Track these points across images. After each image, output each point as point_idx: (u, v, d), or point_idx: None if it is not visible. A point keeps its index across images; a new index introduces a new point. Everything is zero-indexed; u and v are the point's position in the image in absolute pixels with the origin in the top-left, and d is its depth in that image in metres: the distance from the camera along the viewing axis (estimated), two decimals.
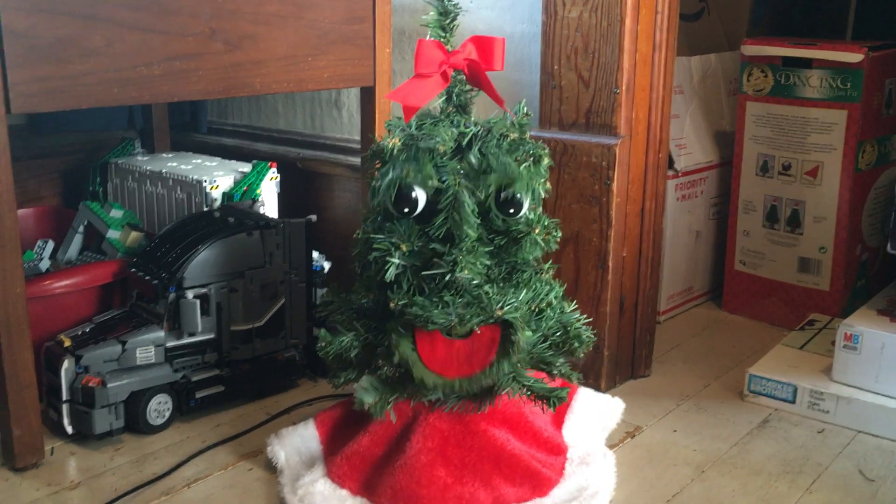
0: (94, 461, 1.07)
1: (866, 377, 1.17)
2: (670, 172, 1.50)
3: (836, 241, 1.46)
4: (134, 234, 1.34)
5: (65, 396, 1.08)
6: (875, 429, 1.14)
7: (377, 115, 1.29)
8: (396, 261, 0.91)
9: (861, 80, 1.38)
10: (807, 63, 1.43)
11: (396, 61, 1.48)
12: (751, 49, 1.49)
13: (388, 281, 0.92)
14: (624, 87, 1.17)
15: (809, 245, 1.49)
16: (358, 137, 1.52)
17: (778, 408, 1.21)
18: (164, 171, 1.45)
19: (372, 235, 0.93)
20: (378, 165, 0.95)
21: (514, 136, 0.93)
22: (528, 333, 0.92)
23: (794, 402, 1.20)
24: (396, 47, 1.47)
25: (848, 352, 1.18)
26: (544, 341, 0.97)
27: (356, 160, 1.51)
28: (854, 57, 1.38)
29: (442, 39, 0.95)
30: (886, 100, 1.44)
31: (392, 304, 0.91)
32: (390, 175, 0.90)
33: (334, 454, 1.00)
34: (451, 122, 0.95)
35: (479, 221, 0.91)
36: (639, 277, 1.26)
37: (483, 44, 0.95)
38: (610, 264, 1.20)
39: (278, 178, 1.43)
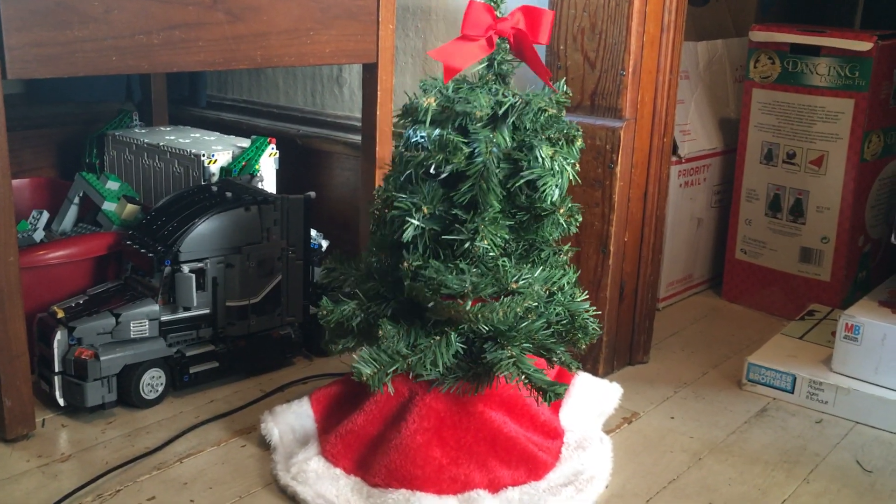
0: (85, 434, 1.06)
1: (866, 368, 1.16)
2: (673, 158, 1.48)
3: (838, 231, 1.45)
4: (130, 207, 1.32)
5: (57, 368, 1.07)
6: (874, 420, 1.13)
7: (379, 93, 1.27)
8: (416, 222, 0.89)
9: (869, 69, 1.37)
10: (815, 51, 1.42)
11: (399, 38, 1.46)
12: (759, 35, 1.47)
13: (404, 241, 0.90)
14: (630, 70, 1.16)
15: (812, 235, 1.47)
16: (359, 115, 1.50)
17: (776, 397, 1.21)
18: (161, 144, 1.43)
19: (393, 193, 0.91)
20: (409, 124, 0.93)
21: (551, 111, 0.91)
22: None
23: (792, 391, 1.19)
24: (400, 24, 1.45)
25: (848, 342, 1.17)
26: (548, 328, 0.95)
27: (357, 138, 1.49)
28: (863, 45, 1.37)
29: (492, 3, 0.93)
30: (894, 90, 1.43)
31: (406, 264, 0.90)
32: (419, 157, 0.89)
33: (329, 432, 0.99)
34: (489, 90, 0.93)
35: (504, 194, 0.90)
36: (640, 263, 1.25)
37: (532, 14, 0.93)
38: (611, 249, 1.19)
39: (277, 155, 1.41)
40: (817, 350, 1.26)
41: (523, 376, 0.93)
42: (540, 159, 0.88)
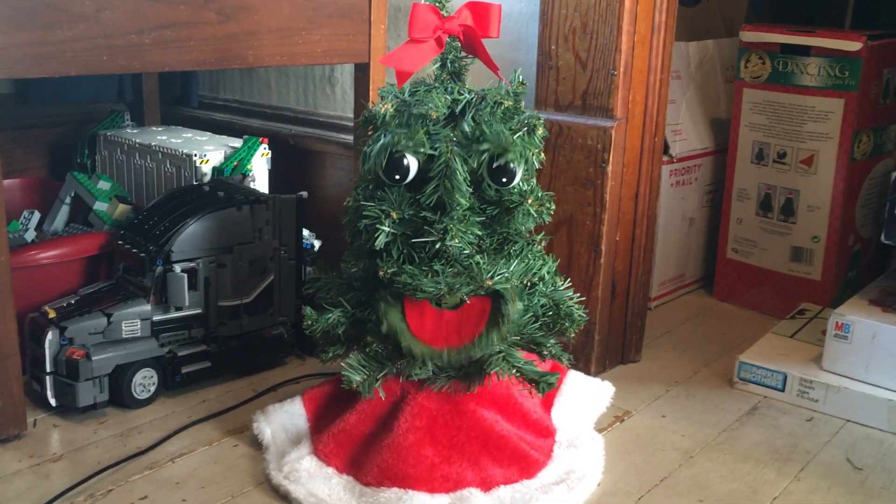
0: (77, 434, 1.06)
1: (856, 366, 1.17)
2: (665, 158, 1.49)
3: (829, 230, 1.45)
4: (121, 207, 1.32)
5: (48, 368, 1.07)
6: (864, 418, 1.14)
7: (371, 93, 1.28)
8: (387, 229, 0.90)
9: (859, 69, 1.38)
10: (805, 51, 1.42)
11: (392, 38, 1.46)
12: (749, 35, 1.48)
13: (377, 249, 0.91)
14: (622, 69, 1.16)
15: (802, 234, 1.48)
16: (351, 115, 1.50)
17: (767, 395, 1.21)
18: (153, 144, 1.43)
19: (363, 203, 0.92)
20: (370, 132, 0.93)
21: (508, 103, 0.91)
22: (519, 305, 0.91)
23: (783, 389, 1.20)
24: (392, 24, 1.45)
25: (839, 341, 1.18)
26: (535, 321, 0.96)
27: (349, 138, 1.50)
28: (853, 45, 1.38)
29: (437, 4, 0.93)
30: (884, 89, 1.44)
31: (381, 273, 0.90)
32: (382, 140, 0.89)
33: (321, 432, 1.00)
34: (445, 90, 0.93)
35: (471, 190, 0.90)
36: (631, 262, 1.26)
37: (479, 10, 0.94)
38: (603, 248, 1.20)
39: (269, 155, 1.41)
40: (808, 348, 1.26)
41: (514, 370, 0.93)
42: (499, 134, 0.88)
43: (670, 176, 1.51)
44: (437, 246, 0.88)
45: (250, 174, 1.37)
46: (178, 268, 1.12)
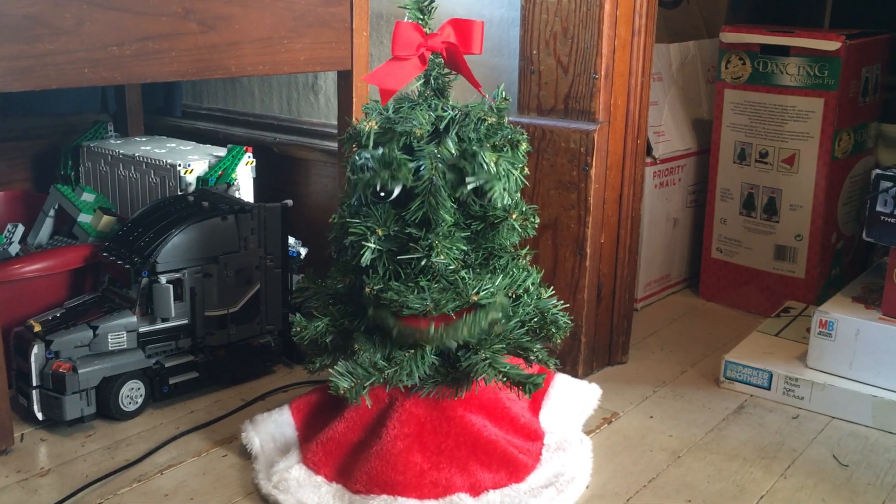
0: (64, 448, 1.05)
1: (841, 364, 1.18)
2: (648, 160, 1.50)
3: (811, 229, 1.46)
4: (106, 219, 1.32)
5: (35, 382, 1.07)
6: (849, 415, 1.15)
7: (354, 100, 1.28)
8: (372, 245, 0.90)
9: (838, 69, 1.39)
10: (784, 51, 1.44)
11: (374, 45, 1.47)
12: (729, 36, 1.49)
13: (363, 265, 0.91)
14: (603, 73, 1.17)
15: (785, 233, 1.49)
16: (335, 122, 1.50)
17: (753, 394, 1.22)
18: (137, 154, 1.43)
19: (348, 220, 0.92)
20: (354, 149, 0.94)
21: (491, 120, 0.92)
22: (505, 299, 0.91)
23: (769, 388, 1.21)
24: (374, 31, 1.45)
25: (823, 338, 1.19)
26: (521, 327, 0.96)
27: (333, 145, 1.50)
28: (831, 45, 1.39)
29: (420, 21, 0.94)
30: (863, 88, 1.45)
31: (367, 289, 0.91)
32: (365, 177, 0.89)
33: (310, 440, 1.00)
34: (429, 106, 0.94)
35: (455, 206, 0.91)
36: (616, 264, 1.26)
37: (461, 27, 0.94)
38: (588, 251, 1.20)
39: (254, 163, 1.41)
40: (793, 346, 1.27)
41: (500, 375, 0.93)
42: (484, 165, 0.88)
43: (654, 177, 1.52)
44: (423, 262, 0.88)
45: (235, 183, 1.37)
46: (163, 279, 1.12)
